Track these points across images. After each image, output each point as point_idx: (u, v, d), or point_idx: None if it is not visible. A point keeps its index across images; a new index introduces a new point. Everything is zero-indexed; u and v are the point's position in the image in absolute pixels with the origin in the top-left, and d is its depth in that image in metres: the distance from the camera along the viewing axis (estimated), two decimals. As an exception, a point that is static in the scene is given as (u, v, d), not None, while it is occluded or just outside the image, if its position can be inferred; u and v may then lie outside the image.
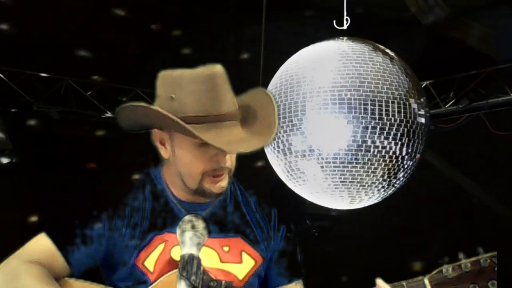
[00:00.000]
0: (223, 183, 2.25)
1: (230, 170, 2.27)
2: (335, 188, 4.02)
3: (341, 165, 3.92)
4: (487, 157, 6.89)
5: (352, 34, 4.19)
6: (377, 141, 3.87)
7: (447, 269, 2.19)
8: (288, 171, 4.12)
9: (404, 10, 6.16)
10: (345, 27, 4.21)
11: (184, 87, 2.19)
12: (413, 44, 6.37)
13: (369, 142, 3.87)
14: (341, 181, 3.97)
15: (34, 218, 6.33)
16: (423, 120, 4.00)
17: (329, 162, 3.93)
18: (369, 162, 3.91)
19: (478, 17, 6.03)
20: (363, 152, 3.88)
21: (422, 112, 4.00)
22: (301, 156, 3.98)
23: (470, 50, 6.02)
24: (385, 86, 3.88)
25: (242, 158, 2.29)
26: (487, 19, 5.91)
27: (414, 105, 3.95)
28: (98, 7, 6.25)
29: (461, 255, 2.21)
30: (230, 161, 2.24)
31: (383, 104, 3.86)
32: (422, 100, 4.05)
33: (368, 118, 3.84)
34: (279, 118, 3.97)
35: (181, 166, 2.26)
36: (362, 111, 3.84)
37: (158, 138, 2.29)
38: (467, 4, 6.08)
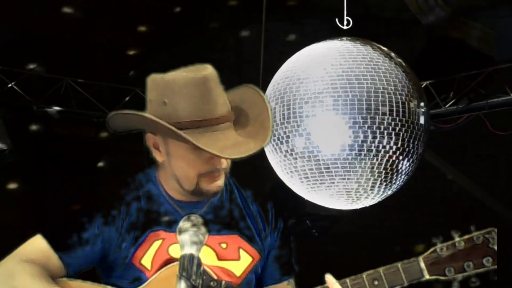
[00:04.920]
0: (220, 182, 2.26)
1: (226, 169, 2.27)
2: (335, 188, 4.01)
3: (341, 165, 3.92)
4: (487, 157, 6.89)
5: (352, 34, 4.19)
6: (377, 141, 3.87)
7: (441, 248, 2.22)
8: (287, 172, 4.11)
9: (404, 10, 6.16)
10: (345, 27, 4.21)
11: (177, 91, 2.17)
12: (413, 44, 6.37)
13: (369, 142, 3.86)
14: (341, 181, 3.97)
15: (33, 218, 6.32)
16: (423, 120, 3.99)
17: (329, 163, 3.93)
18: (369, 162, 3.90)
19: (478, 17, 6.03)
20: (363, 152, 3.88)
21: (422, 112, 4.00)
22: (300, 157, 3.97)
23: (470, 50, 6.02)
24: (388, 87, 3.88)
25: (242, 159, 2.29)
26: (487, 19, 5.91)
27: (414, 105, 3.95)
28: (98, 7, 6.25)
29: (454, 234, 2.22)
30: (226, 162, 2.25)
31: (383, 104, 3.86)
32: (422, 100, 4.04)
33: (368, 118, 3.84)
34: (279, 119, 3.97)
35: (177, 169, 2.26)
36: (361, 111, 3.84)
37: (152, 142, 2.28)
38: (467, 4, 6.08)
